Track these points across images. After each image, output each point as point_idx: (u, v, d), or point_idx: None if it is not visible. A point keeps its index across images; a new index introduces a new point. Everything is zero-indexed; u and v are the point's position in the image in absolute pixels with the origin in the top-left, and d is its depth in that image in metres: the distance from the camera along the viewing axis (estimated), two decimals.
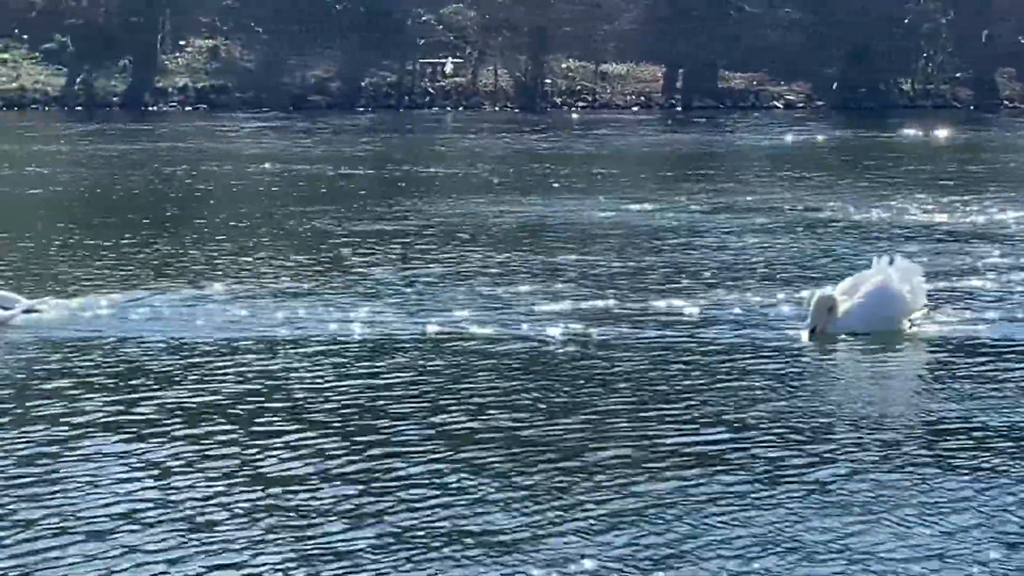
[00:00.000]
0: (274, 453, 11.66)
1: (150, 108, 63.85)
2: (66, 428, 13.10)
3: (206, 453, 11.83)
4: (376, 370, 15.18)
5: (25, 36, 66.72)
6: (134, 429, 12.81)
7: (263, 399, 14.06)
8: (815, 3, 71.37)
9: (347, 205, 32.05)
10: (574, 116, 64.61)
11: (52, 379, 15.03)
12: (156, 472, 11.21)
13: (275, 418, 13.15)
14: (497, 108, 66.51)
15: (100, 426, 13.08)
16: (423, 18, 70.88)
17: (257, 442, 12.19)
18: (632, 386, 14.16)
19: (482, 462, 11.17)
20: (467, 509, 10.04)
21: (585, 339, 16.66)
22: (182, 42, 67.85)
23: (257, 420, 13.21)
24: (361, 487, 10.67)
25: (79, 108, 63.89)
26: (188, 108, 64.21)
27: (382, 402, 13.66)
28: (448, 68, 68.91)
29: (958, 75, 69.77)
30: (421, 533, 9.36)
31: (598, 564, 8.82)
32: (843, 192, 34.00)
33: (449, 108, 66.57)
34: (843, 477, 10.82)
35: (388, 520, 9.63)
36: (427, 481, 10.64)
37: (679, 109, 66.92)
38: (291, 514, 10.09)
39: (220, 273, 22.23)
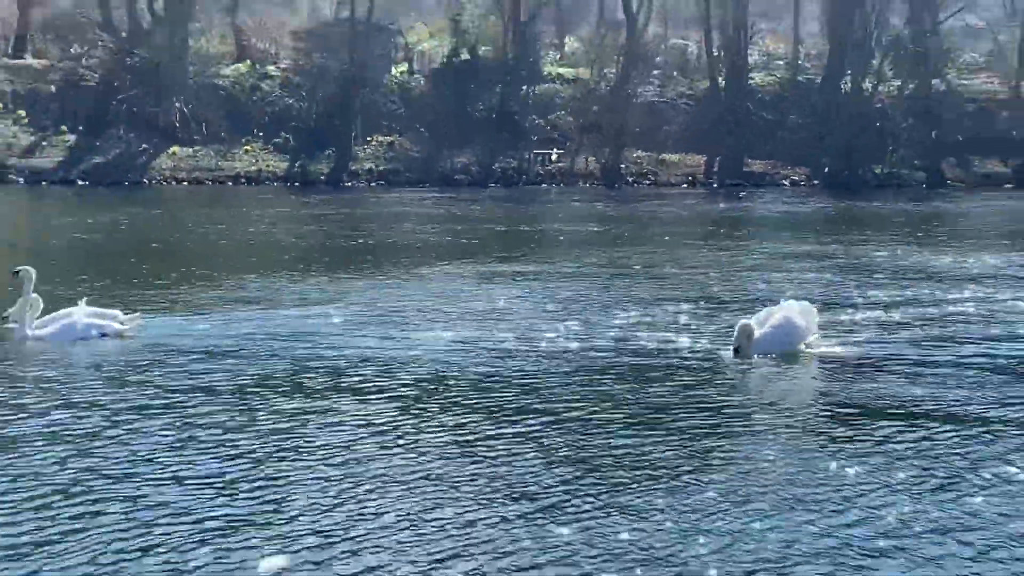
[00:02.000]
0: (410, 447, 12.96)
1: (345, 184, 71.10)
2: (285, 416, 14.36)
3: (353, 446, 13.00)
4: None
5: (261, 134, 74.62)
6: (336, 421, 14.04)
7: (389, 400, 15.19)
8: (814, 113, 77.96)
9: (480, 248, 36.75)
10: (641, 191, 70.71)
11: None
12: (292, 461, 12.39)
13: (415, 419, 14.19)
14: (588, 185, 72.61)
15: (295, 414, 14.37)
16: (536, 121, 76.90)
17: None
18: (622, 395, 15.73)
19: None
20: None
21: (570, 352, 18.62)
22: (368, 138, 75.21)
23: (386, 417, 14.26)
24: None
25: (296, 184, 70.56)
26: (372, 184, 71.56)
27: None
28: (553, 156, 75.71)
29: (915, 163, 76.42)
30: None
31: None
32: (800, 245, 37.64)
33: (554, 185, 72.84)
34: (762, 457, 12.52)
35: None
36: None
37: (715, 186, 73.15)
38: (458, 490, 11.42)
39: (392, 293, 25.58)
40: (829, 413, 14.91)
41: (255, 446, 13.08)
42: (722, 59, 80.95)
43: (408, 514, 10.93)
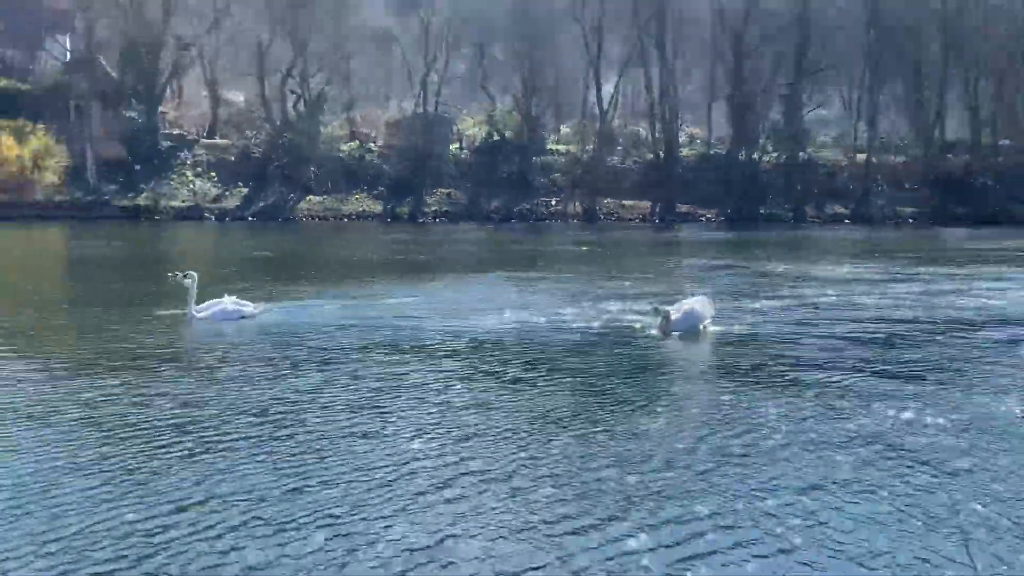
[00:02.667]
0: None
1: (420, 220, 69.64)
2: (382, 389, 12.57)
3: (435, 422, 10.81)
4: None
5: (365, 188, 73.11)
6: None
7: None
8: (720, 173, 77.19)
9: (508, 261, 35.45)
10: (609, 225, 68.96)
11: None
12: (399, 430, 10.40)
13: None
14: (575, 221, 71.42)
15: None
16: (542, 179, 76.37)
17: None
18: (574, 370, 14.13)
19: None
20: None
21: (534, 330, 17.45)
22: (435, 190, 74.21)
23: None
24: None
25: (388, 220, 69.42)
26: (436, 220, 70.31)
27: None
28: (553, 202, 74.71)
29: (786, 206, 75.46)
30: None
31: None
32: (711, 259, 36.54)
33: (553, 221, 71.54)
34: (676, 393, 11.91)
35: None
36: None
37: (657, 221, 71.91)
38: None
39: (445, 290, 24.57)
40: (721, 368, 14.57)
41: (358, 397, 12.36)
42: (661, 139, 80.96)
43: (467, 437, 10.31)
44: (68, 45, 79.59)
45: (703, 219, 73.40)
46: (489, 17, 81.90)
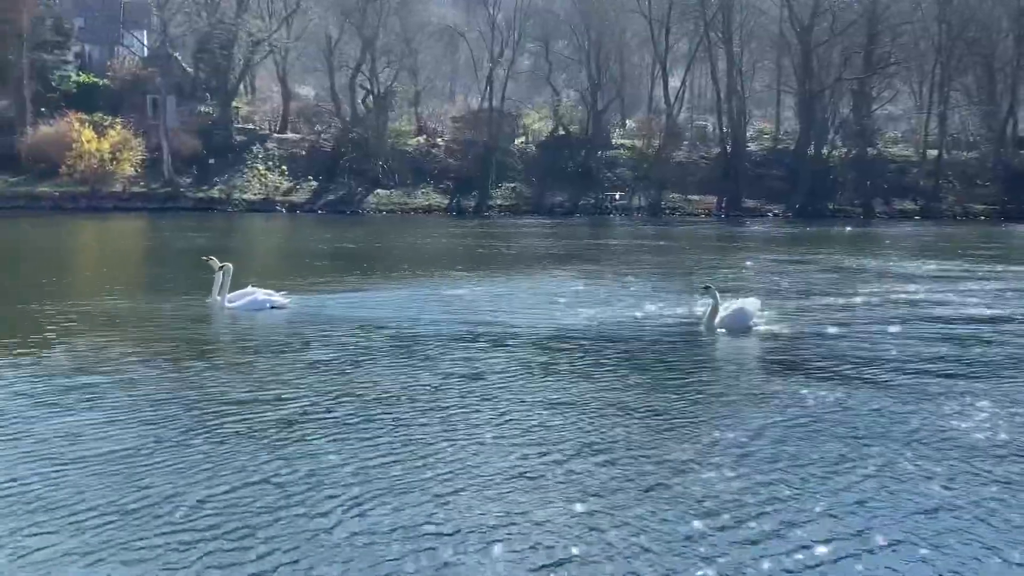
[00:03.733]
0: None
1: (485, 214, 69.47)
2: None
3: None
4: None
5: (431, 182, 73.18)
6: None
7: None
8: (788, 168, 75.85)
9: (571, 255, 35.28)
10: (674, 220, 67.72)
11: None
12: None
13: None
14: (639, 215, 71.02)
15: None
16: (606, 173, 75.64)
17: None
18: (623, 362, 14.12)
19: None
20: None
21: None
22: (499, 184, 74.16)
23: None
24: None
25: (454, 214, 69.37)
26: (501, 214, 70.17)
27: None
28: (617, 196, 74.03)
29: (855, 202, 74.23)
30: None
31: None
32: (773, 255, 36.04)
33: (617, 216, 70.55)
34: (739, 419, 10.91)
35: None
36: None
37: (723, 217, 70.62)
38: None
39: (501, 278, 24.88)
40: (764, 365, 14.75)
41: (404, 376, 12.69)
42: (728, 133, 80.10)
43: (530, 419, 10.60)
44: (145, 41, 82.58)
45: (770, 214, 72.44)
46: (555, 12, 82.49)
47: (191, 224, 51.58)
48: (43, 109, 67.94)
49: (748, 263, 30.60)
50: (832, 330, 17.67)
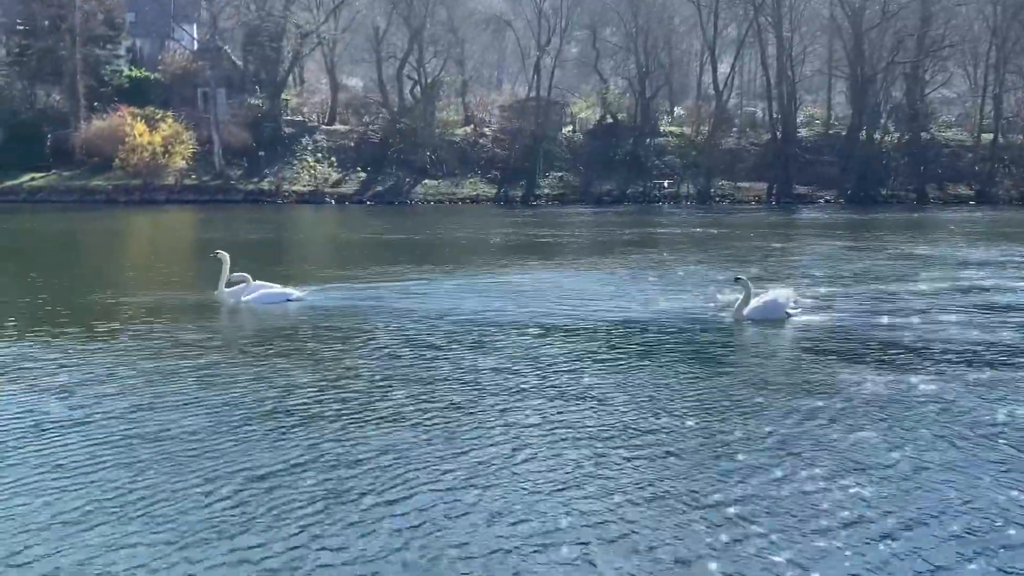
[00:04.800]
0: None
1: (532, 203, 68.87)
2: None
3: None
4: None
5: (479, 171, 73.53)
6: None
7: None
8: (840, 154, 74.50)
9: (621, 244, 36.05)
10: (723, 207, 67.23)
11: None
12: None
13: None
14: (688, 204, 70.24)
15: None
16: (655, 161, 75.15)
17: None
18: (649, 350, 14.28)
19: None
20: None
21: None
22: (547, 173, 73.84)
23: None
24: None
25: (501, 203, 69.16)
26: (549, 203, 69.66)
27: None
28: (666, 184, 73.75)
29: (909, 187, 73.43)
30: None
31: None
32: (823, 242, 35.94)
33: (665, 204, 70.12)
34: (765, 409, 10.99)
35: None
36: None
37: (773, 204, 69.92)
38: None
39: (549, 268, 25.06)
40: (795, 355, 14.84)
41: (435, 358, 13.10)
42: (778, 119, 79.15)
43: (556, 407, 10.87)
44: (195, 34, 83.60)
45: (821, 200, 71.70)
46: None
47: (243, 216, 52.29)
48: (96, 104, 68.96)
49: (799, 252, 31.06)
50: (878, 319, 17.62)
